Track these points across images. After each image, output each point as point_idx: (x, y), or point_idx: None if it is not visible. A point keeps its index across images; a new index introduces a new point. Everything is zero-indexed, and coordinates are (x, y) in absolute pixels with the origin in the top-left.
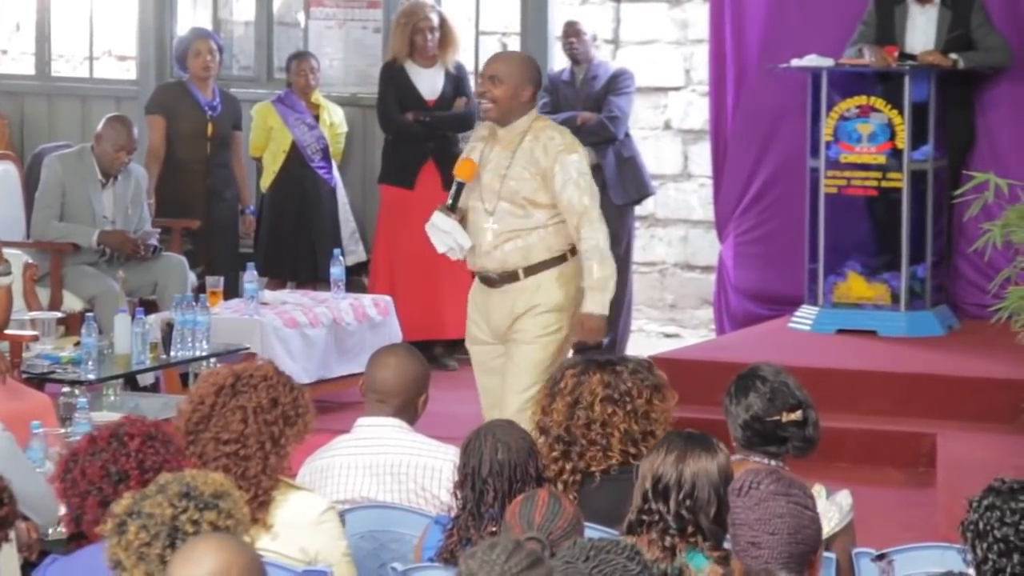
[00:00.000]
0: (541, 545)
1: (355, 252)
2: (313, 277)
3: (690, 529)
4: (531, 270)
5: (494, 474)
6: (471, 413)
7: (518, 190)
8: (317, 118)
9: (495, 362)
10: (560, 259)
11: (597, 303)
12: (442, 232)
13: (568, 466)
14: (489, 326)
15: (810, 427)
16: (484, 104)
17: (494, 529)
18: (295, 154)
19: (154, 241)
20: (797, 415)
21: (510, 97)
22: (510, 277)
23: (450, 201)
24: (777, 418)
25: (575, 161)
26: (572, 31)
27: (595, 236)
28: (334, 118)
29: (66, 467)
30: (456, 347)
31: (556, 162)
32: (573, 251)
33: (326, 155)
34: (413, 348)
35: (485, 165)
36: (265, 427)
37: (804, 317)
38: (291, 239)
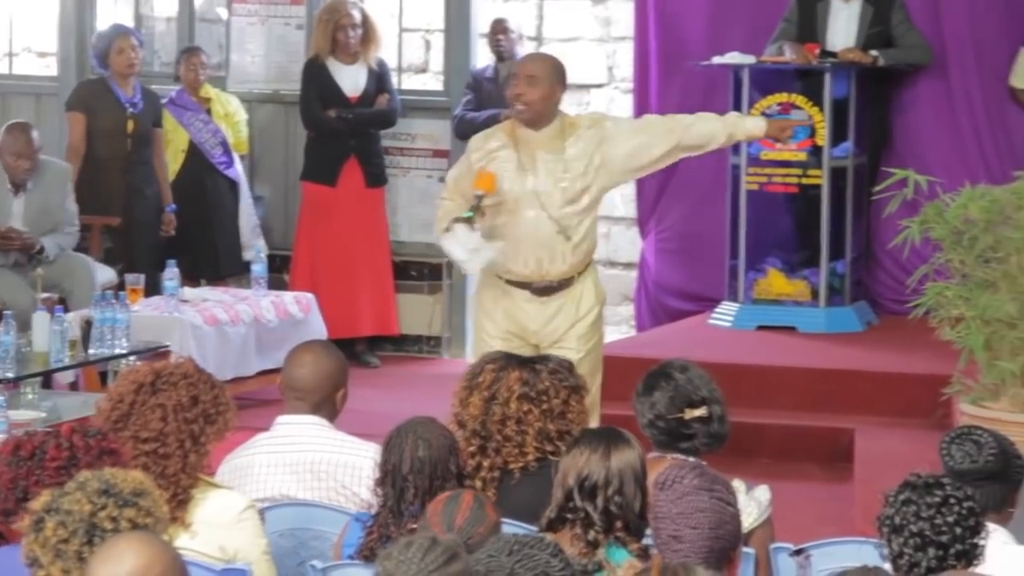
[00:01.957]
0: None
1: (255, 247)
2: (216, 275)
3: (617, 524)
4: (582, 273)
5: (415, 471)
6: (392, 410)
7: (574, 191)
8: (209, 112)
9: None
10: (592, 262)
11: (755, 122)
12: (468, 250)
13: (486, 462)
14: (531, 334)
15: (715, 423)
16: (518, 106)
17: (414, 526)
18: (194, 153)
19: (34, 239)
20: (701, 411)
21: (546, 98)
22: (568, 283)
23: (469, 212)
24: (680, 415)
25: (606, 116)
26: (500, 28)
27: (676, 116)
28: (228, 108)
29: None
30: (377, 344)
31: (603, 126)
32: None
33: (226, 148)
34: (329, 344)
35: (530, 171)
36: (185, 425)
37: (724, 313)
38: (193, 238)
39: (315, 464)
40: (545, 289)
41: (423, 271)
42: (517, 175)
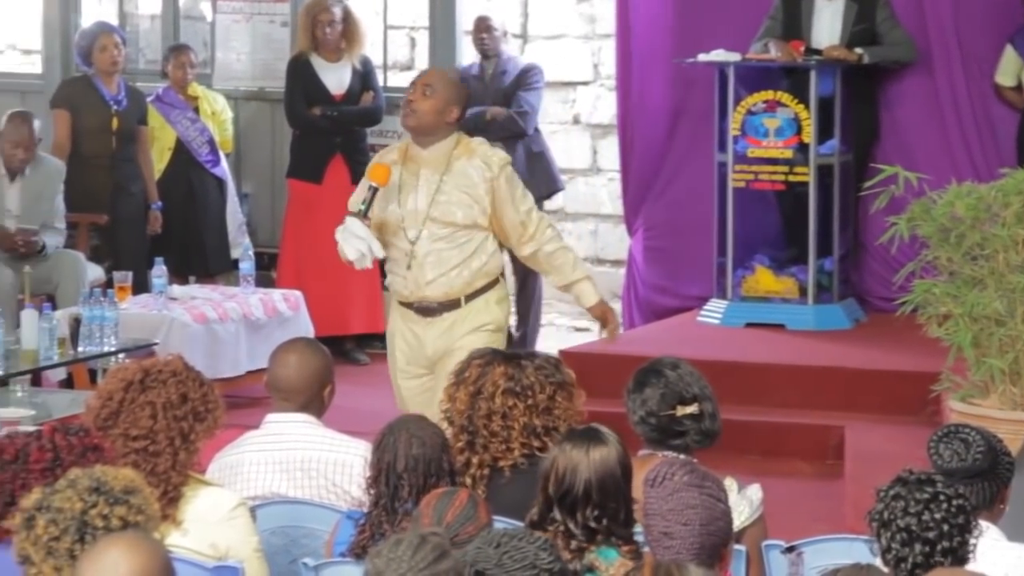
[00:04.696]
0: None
1: (243, 244)
2: (205, 272)
3: (599, 538)
4: (472, 295)
5: (409, 469)
6: (382, 408)
7: (454, 213)
8: (197, 110)
9: (424, 396)
10: (494, 282)
11: (595, 291)
12: (356, 238)
13: (475, 459)
14: (423, 356)
15: (707, 420)
16: (405, 111)
17: (408, 524)
18: (181, 150)
19: (38, 238)
20: (692, 408)
21: (436, 111)
22: (452, 305)
23: (363, 206)
24: (671, 412)
25: (513, 172)
26: (483, 26)
27: (554, 234)
28: (215, 106)
29: None
30: (366, 341)
31: (501, 177)
32: (502, 274)
33: (213, 147)
34: (313, 341)
35: (410, 190)
36: (174, 423)
37: (713, 311)
38: (180, 235)
39: (305, 462)
40: (426, 310)
41: None
42: (399, 194)
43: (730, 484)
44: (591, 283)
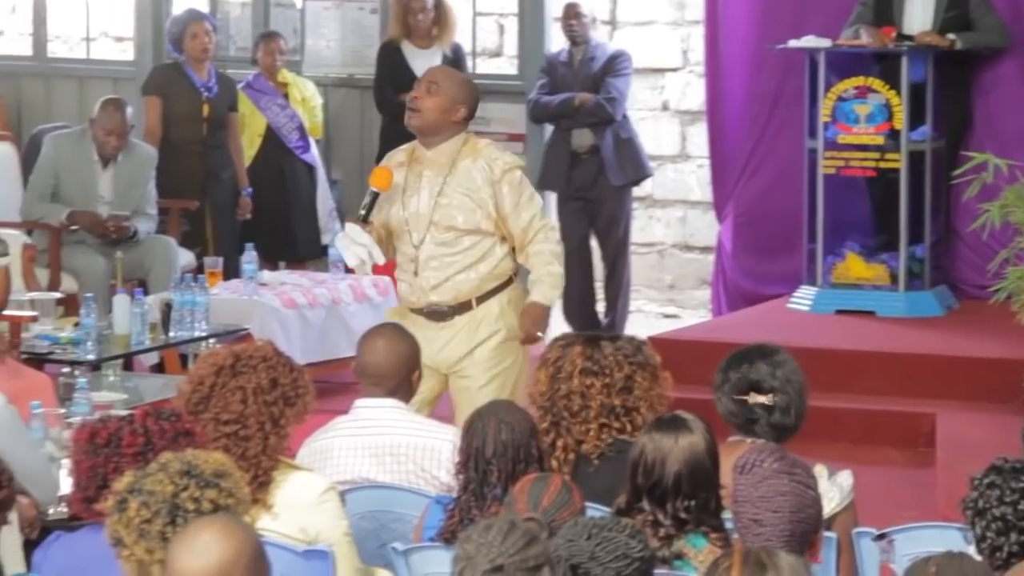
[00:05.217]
0: (540, 526)
1: (333, 230)
2: (295, 258)
3: (688, 527)
4: (483, 297)
5: (498, 455)
6: None
7: (454, 217)
8: (287, 96)
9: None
10: (508, 282)
11: (546, 296)
12: (357, 245)
13: (559, 442)
14: (433, 358)
15: (777, 413)
16: (409, 110)
17: (497, 510)
18: (271, 137)
19: (130, 224)
20: (764, 399)
21: (442, 110)
22: (463, 308)
23: (363, 212)
24: (744, 399)
25: (521, 178)
26: (572, 12)
27: (551, 239)
28: (305, 93)
29: (72, 449)
30: None
31: (504, 183)
32: (516, 273)
33: (303, 133)
34: (400, 326)
35: (413, 192)
36: (265, 408)
37: (803, 297)
38: (271, 221)
39: (394, 447)
40: (436, 314)
41: None
42: (403, 196)
43: (820, 471)
44: (546, 287)
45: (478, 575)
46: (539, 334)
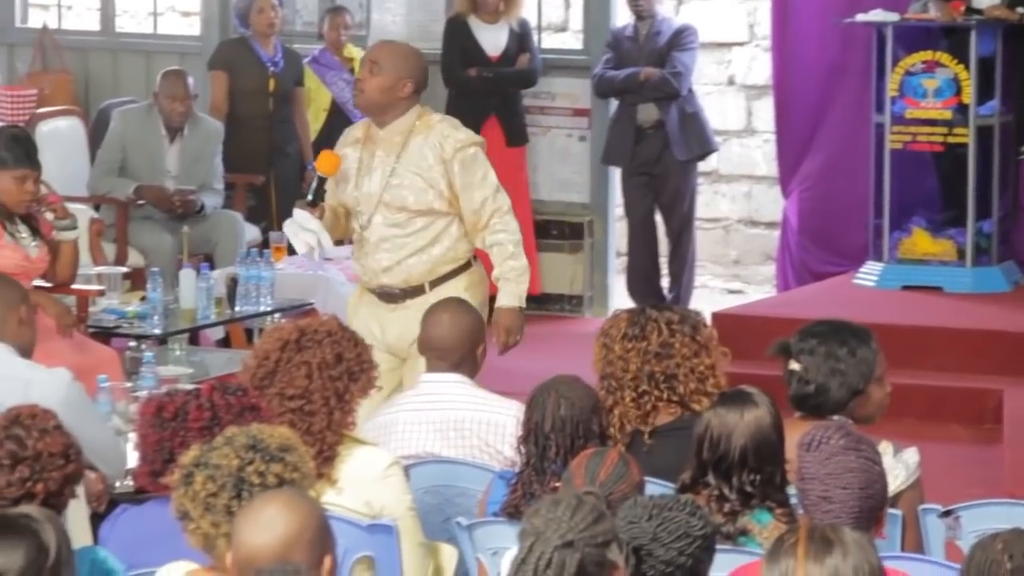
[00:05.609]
0: (597, 499)
1: None
2: None
3: (754, 502)
4: (437, 282)
5: (556, 430)
6: (534, 369)
7: (405, 198)
8: (352, 71)
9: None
10: (465, 266)
11: (514, 295)
12: (305, 231)
13: (616, 410)
14: (385, 339)
15: (795, 383)
16: (354, 91)
17: (557, 484)
18: (337, 112)
19: (197, 198)
20: (794, 365)
21: (385, 89)
22: (415, 291)
23: (310, 196)
24: (783, 359)
25: (475, 156)
26: None
27: (508, 227)
28: None
29: (138, 423)
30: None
31: (456, 161)
32: (475, 257)
33: None
34: (464, 301)
35: (366, 172)
36: (330, 383)
37: (869, 273)
38: None
39: (459, 422)
40: (386, 296)
41: (564, 230)
42: (356, 175)
43: (886, 447)
44: (512, 285)
45: (549, 550)
46: (517, 338)
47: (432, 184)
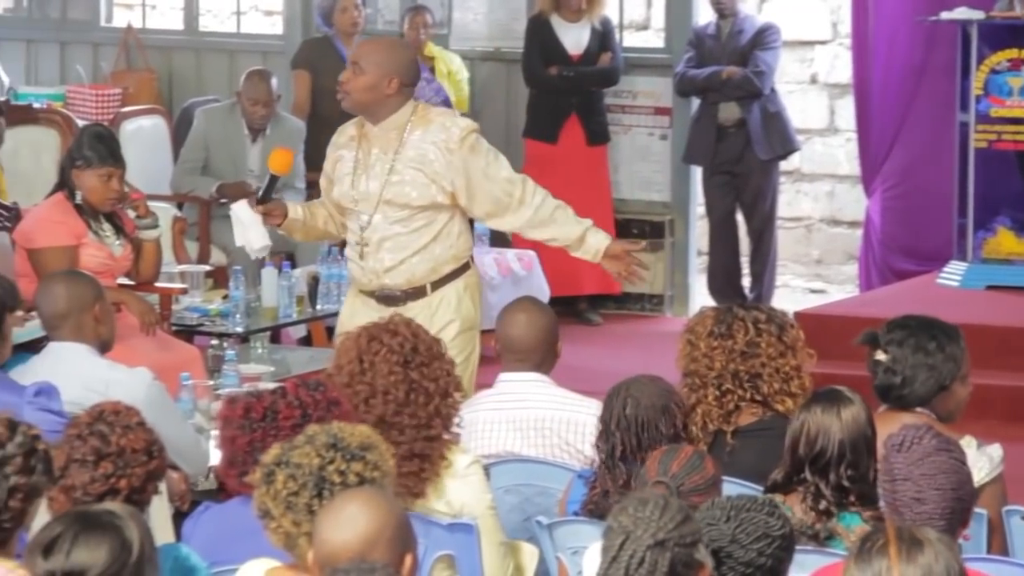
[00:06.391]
0: (668, 490)
1: None
2: None
3: (851, 498)
4: (439, 283)
5: (621, 428)
6: (614, 368)
7: (407, 194)
8: (433, 70)
9: None
10: (464, 267)
11: (604, 235)
12: (241, 225)
13: (699, 409)
14: None
15: (881, 373)
16: (339, 94)
17: (623, 480)
18: None
19: (278, 196)
20: (881, 355)
21: (370, 88)
22: (417, 293)
23: (260, 194)
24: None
25: (479, 139)
26: None
27: (543, 195)
28: (451, 66)
29: (222, 421)
30: (599, 302)
31: (466, 148)
32: (472, 258)
33: (449, 107)
34: (537, 299)
35: (363, 171)
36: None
37: (952, 273)
38: None
39: (538, 421)
40: (387, 299)
41: (645, 229)
42: (352, 175)
43: (968, 441)
44: (593, 233)
45: (641, 549)
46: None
47: (434, 179)
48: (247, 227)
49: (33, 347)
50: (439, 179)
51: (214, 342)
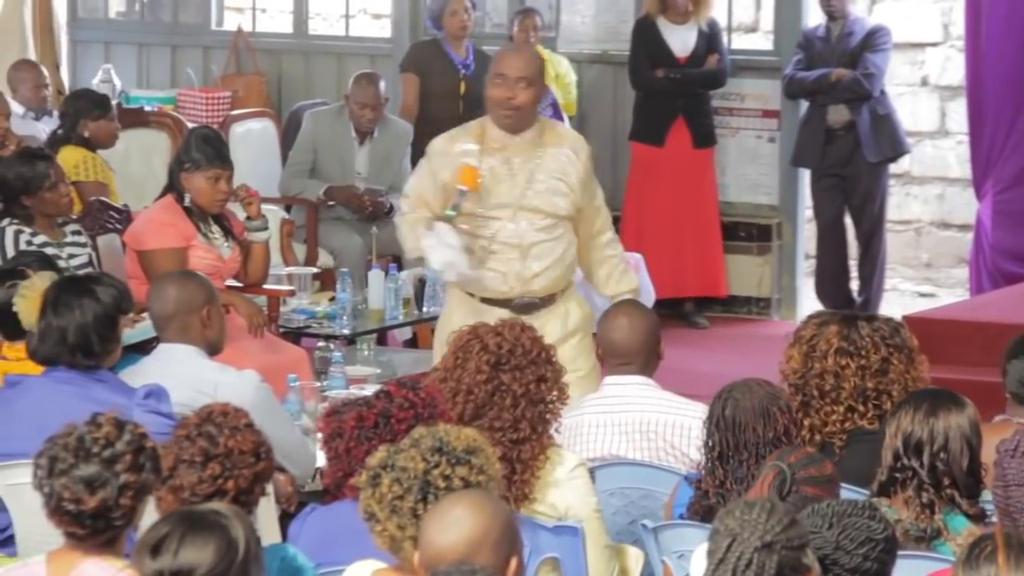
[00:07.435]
0: (782, 473)
1: None
2: None
3: (946, 482)
4: (563, 293)
5: (720, 429)
6: (720, 371)
7: (555, 203)
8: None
9: None
10: (572, 279)
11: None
12: (444, 247)
13: (807, 421)
14: None
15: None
16: (505, 111)
17: (720, 481)
18: None
19: (386, 199)
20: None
21: (536, 102)
22: (547, 301)
23: (453, 212)
24: None
25: (591, 165)
26: None
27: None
28: (559, 69)
29: (332, 434)
30: (705, 304)
31: (587, 160)
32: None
33: (556, 109)
34: (638, 302)
35: (504, 179)
36: (532, 407)
37: None
38: None
39: (644, 424)
40: (526, 306)
41: (752, 232)
42: (492, 183)
43: None
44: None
45: (749, 551)
46: None
47: (572, 189)
48: (455, 249)
49: (143, 348)
50: (575, 190)
51: (321, 344)
